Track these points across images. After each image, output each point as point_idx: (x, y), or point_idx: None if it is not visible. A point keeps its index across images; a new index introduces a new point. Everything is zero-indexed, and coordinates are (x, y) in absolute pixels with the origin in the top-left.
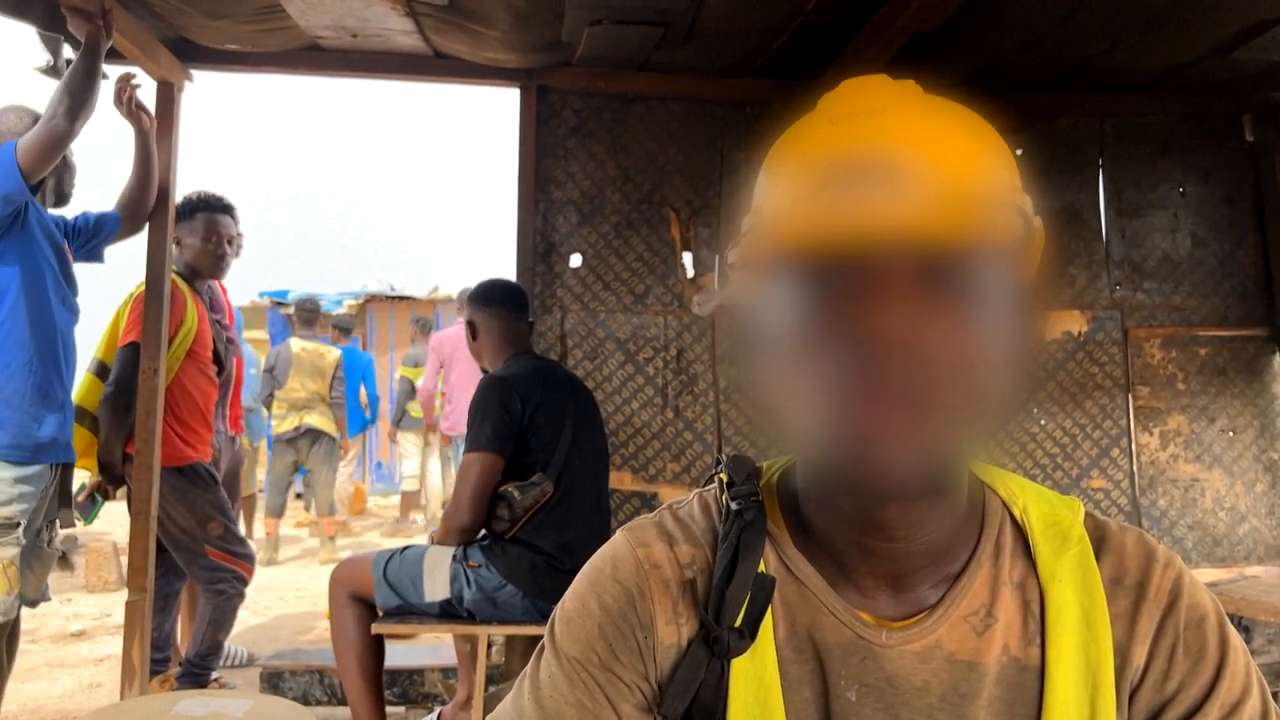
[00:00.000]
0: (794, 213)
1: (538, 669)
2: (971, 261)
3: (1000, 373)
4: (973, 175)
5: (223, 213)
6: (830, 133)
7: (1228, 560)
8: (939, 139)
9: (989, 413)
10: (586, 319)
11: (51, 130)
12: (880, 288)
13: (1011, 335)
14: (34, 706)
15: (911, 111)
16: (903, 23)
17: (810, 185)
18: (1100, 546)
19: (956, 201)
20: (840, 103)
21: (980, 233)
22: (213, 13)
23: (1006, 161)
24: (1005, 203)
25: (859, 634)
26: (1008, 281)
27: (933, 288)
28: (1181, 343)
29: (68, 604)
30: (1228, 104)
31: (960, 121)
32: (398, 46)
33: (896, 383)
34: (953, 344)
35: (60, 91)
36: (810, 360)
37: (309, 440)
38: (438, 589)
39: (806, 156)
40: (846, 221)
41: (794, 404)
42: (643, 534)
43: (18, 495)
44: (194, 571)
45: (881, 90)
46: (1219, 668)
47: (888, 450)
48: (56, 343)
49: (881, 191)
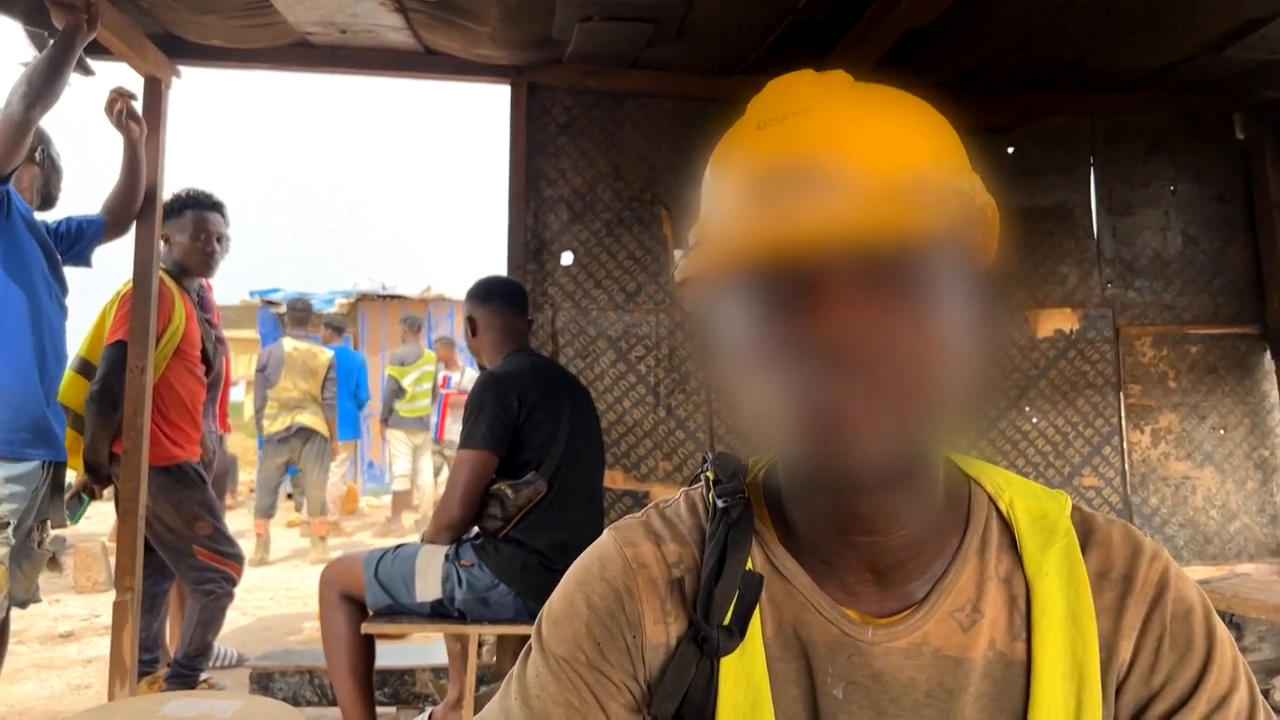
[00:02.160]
0: (732, 225)
1: (525, 669)
2: (911, 252)
3: (959, 359)
4: (905, 166)
5: (211, 210)
6: (758, 139)
7: (1219, 558)
8: (867, 135)
9: (951, 400)
10: (578, 317)
11: (7, 119)
12: (822, 292)
13: (968, 320)
14: (22, 708)
15: (838, 109)
16: (894, 20)
17: (744, 196)
18: (1087, 540)
19: (887, 197)
20: (766, 106)
21: (917, 223)
22: (200, 7)
23: (944, 144)
24: (943, 188)
25: (845, 631)
26: (956, 265)
27: (876, 284)
28: (1173, 341)
29: (56, 605)
30: (1218, 102)
31: (892, 111)
32: (387, 43)
33: (849, 381)
34: (902, 337)
35: (20, 78)
36: (766, 367)
37: (301, 440)
38: (429, 589)
39: (738, 166)
40: (781, 231)
41: (758, 408)
42: (630, 533)
43: (8, 495)
44: (182, 572)
45: (807, 89)
46: (1206, 661)
47: (849, 446)
48: (46, 340)
49: (812, 197)
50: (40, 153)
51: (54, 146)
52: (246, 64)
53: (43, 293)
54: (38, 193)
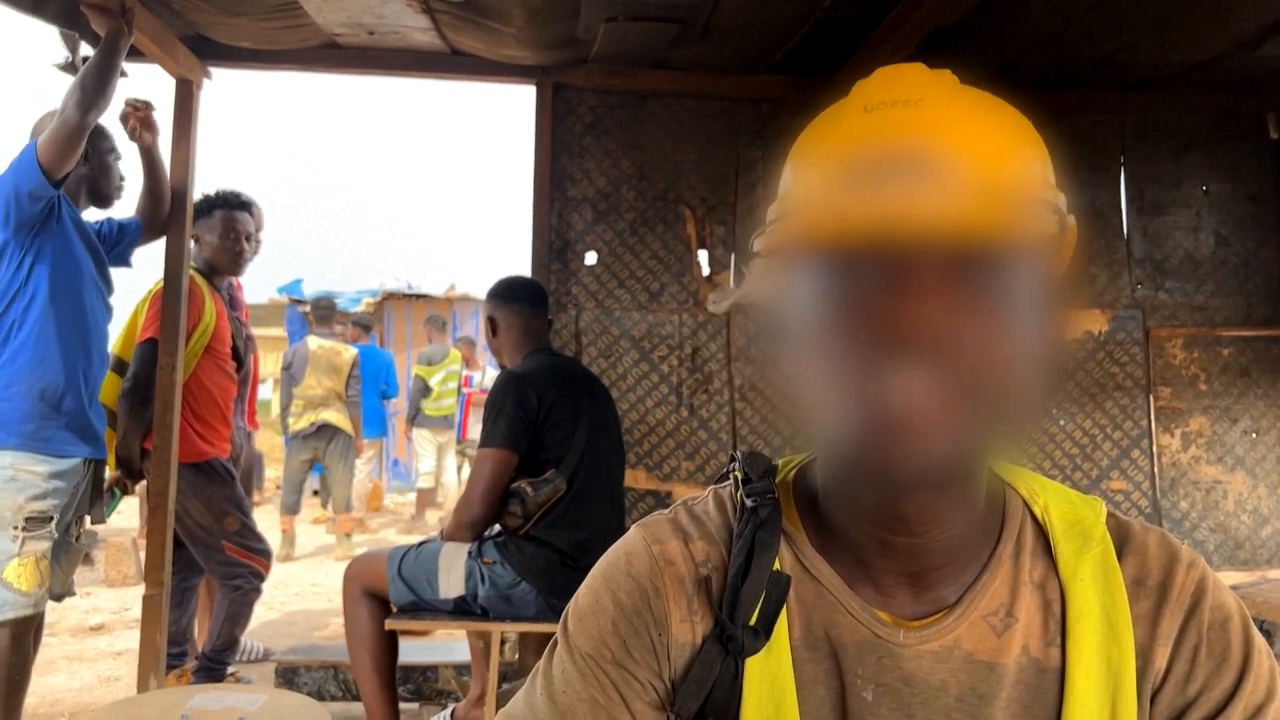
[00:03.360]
0: (826, 202)
1: (550, 664)
2: (1004, 258)
3: (1027, 368)
4: (1008, 171)
5: (241, 209)
6: (865, 122)
7: (1250, 563)
8: (975, 133)
9: (1014, 408)
10: (601, 316)
11: (63, 124)
12: (912, 281)
13: (1039, 331)
14: (52, 699)
15: (948, 103)
16: (921, 17)
17: (843, 175)
18: (1122, 547)
19: (992, 198)
20: (875, 91)
21: (1014, 229)
22: (230, 10)
23: (1042, 157)
24: (1040, 199)
25: (876, 633)
26: (1038, 278)
27: (964, 283)
28: (1204, 343)
29: (87, 598)
30: (1252, 100)
31: (997, 115)
32: (414, 44)
33: (923, 374)
34: (981, 338)
35: (74, 85)
36: (837, 349)
37: (325, 437)
38: (453, 586)
39: (840, 145)
40: (881, 214)
41: (818, 393)
42: (658, 530)
43: (51, 490)
44: (211, 567)
45: (918, 80)
46: (1243, 670)
47: (911, 438)
48: (91, 339)
49: (917, 185)
50: (89, 152)
51: (107, 144)
52: (276, 65)
53: (90, 294)
54: (86, 193)
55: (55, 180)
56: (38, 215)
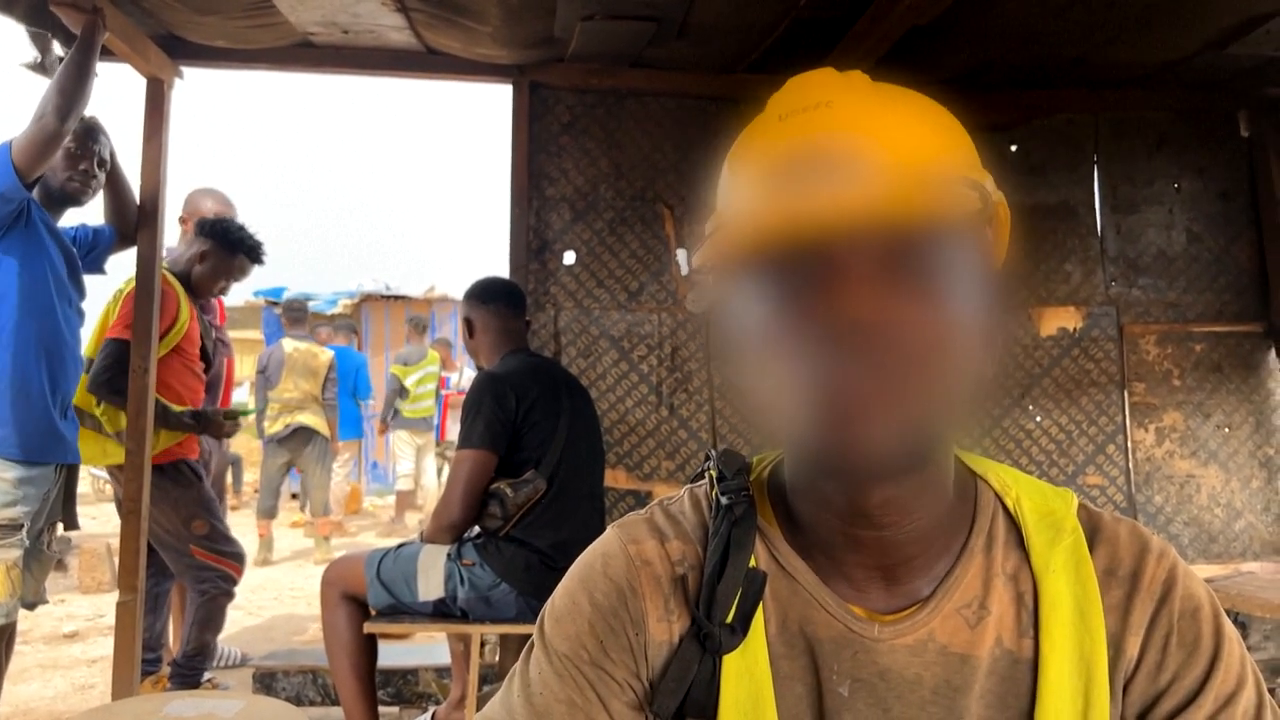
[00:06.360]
0: (753, 211)
1: (527, 666)
2: (929, 239)
3: (970, 350)
4: (924, 156)
5: (255, 264)
6: (779, 129)
7: (1223, 556)
8: (888, 124)
9: (961, 390)
10: (580, 316)
11: (41, 128)
12: (842, 273)
13: (978, 311)
14: (26, 708)
15: (859, 101)
16: (896, 18)
17: (765, 183)
18: (1094, 537)
19: (908, 182)
20: (788, 99)
21: (935, 210)
22: (202, 8)
23: (960, 142)
24: (959, 179)
25: (851, 628)
26: (970, 258)
27: (894, 268)
28: (1177, 339)
29: (61, 605)
30: (1223, 99)
31: (910, 107)
32: (389, 43)
33: (866, 363)
34: (918, 321)
35: (51, 88)
36: (784, 351)
37: (302, 440)
38: (432, 588)
39: (759, 155)
40: (803, 213)
41: (773, 396)
42: (634, 530)
43: (21, 497)
44: (180, 571)
45: (828, 83)
46: (1213, 659)
47: (863, 430)
48: (62, 343)
49: (834, 180)
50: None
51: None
52: (249, 64)
53: (61, 299)
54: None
55: (27, 183)
56: (7, 217)
